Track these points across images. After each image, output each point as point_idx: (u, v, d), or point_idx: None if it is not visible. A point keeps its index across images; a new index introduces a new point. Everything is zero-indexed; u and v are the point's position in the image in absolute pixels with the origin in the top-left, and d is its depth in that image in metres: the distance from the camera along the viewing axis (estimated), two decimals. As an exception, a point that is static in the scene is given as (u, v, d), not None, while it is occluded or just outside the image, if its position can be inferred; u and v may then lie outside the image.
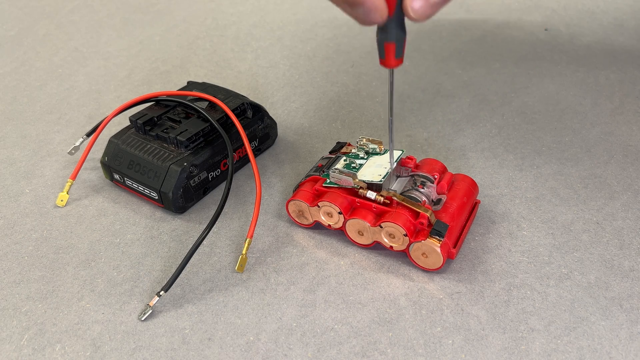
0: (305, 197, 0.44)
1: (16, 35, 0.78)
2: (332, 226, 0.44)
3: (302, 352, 0.37)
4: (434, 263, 0.41)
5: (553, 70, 0.66)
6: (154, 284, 0.42)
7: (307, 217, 0.45)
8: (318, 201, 0.43)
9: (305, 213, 0.45)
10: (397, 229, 0.41)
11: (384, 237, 0.42)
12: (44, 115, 0.61)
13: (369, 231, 0.42)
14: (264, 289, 0.41)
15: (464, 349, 0.37)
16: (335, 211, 0.43)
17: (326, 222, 0.44)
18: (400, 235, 0.41)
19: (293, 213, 0.46)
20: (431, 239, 0.40)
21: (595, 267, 0.42)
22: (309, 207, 0.44)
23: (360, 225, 0.43)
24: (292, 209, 0.45)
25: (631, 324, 0.38)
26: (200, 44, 0.74)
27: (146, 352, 0.38)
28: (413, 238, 0.41)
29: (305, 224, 0.46)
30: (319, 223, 0.45)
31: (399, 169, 0.45)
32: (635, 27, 0.73)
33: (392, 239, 0.42)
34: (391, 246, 0.42)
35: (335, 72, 0.67)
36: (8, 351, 0.38)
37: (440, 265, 0.40)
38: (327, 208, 0.43)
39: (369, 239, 0.43)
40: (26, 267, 0.44)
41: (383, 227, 0.41)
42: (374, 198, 0.42)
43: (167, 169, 0.46)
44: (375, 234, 0.42)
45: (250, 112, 0.52)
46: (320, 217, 0.44)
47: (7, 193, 0.51)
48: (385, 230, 0.41)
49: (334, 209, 0.43)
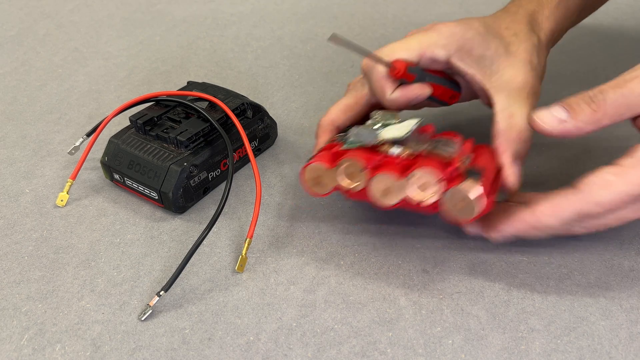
0: (324, 159, 0.40)
1: (16, 35, 0.78)
2: (353, 190, 0.40)
3: (302, 352, 0.37)
4: (471, 210, 0.36)
5: (553, 70, 0.65)
6: (154, 284, 0.42)
7: (324, 183, 0.41)
8: (338, 161, 0.40)
9: (323, 179, 0.41)
10: (429, 174, 0.37)
11: (414, 190, 0.38)
12: (44, 115, 0.61)
13: (396, 187, 0.38)
14: (264, 289, 0.41)
15: (464, 349, 0.37)
16: (357, 170, 0.39)
17: (346, 186, 0.40)
18: (432, 183, 0.37)
19: (309, 181, 0.41)
20: (469, 181, 0.36)
21: (595, 267, 0.42)
22: (327, 171, 0.40)
23: (386, 182, 0.38)
24: (308, 175, 0.41)
25: (631, 324, 0.38)
26: (200, 44, 0.74)
27: (146, 352, 0.38)
28: (447, 184, 0.37)
29: (322, 193, 0.41)
30: (338, 190, 0.40)
31: (417, 136, 0.42)
32: (635, 27, 0.73)
33: (422, 191, 0.38)
34: (420, 202, 0.38)
35: (335, 72, 0.67)
36: (8, 351, 0.38)
37: (479, 212, 0.36)
38: (349, 167, 0.39)
39: (396, 197, 0.38)
40: (26, 267, 0.44)
41: (413, 176, 0.37)
42: (398, 153, 0.39)
43: (167, 169, 0.46)
44: (404, 188, 0.38)
45: (250, 112, 0.52)
46: (339, 180, 0.40)
47: (7, 193, 0.51)
48: (416, 181, 0.37)
49: (357, 166, 0.39)
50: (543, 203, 0.37)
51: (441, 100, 0.46)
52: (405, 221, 0.46)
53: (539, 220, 0.37)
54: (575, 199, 0.36)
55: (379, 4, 0.82)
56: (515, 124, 0.41)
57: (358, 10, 0.80)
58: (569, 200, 0.36)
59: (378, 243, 0.45)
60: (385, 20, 0.78)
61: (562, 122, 0.37)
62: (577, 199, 0.36)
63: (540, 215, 0.37)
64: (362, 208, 0.48)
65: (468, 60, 0.42)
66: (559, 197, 0.36)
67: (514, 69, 0.42)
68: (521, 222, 0.38)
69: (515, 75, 0.42)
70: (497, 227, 0.39)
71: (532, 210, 0.37)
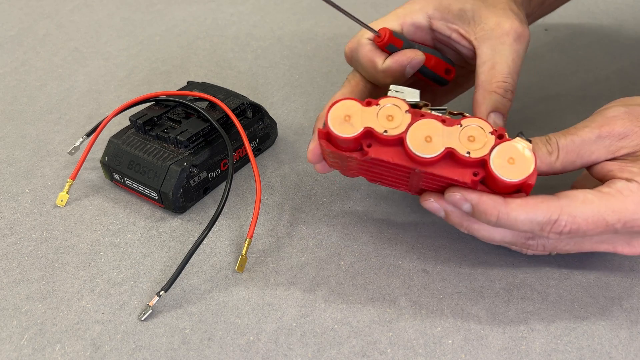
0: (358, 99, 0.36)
1: (16, 35, 0.78)
2: (389, 132, 0.35)
3: (302, 352, 0.37)
4: (521, 170, 0.34)
5: (553, 70, 0.66)
6: (153, 284, 0.42)
7: (354, 123, 0.36)
8: (379, 100, 0.36)
9: (354, 117, 0.36)
10: (481, 126, 0.34)
11: (461, 141, 0.35)
12: (44, 115, 0.61)
13: (441, 134, 0.35)
14: (264, 289, 0.41)
15: (464, 349, 0.37)
16: (399, 111, 0.35)
17: (383, 128, 0.35)
18: (483, 135, 0.34)
19: (336, 119, 0.36)
20: (521, 139, 0.34)
21: (595, 267, 0.42)
22: (362, 109, 0.36)
23: (430, 128, 0.35)
24: (336, 112, 0.36)
25: (631, 324, 0.38)
26: (200, 44, 0.74)
27: (146, 352, 0.38)
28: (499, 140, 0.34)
29: (348, 134, 0.35)
30: (368, 133, 0.36)
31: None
32: (635, 27, 0.73)
33: (471, 143, 0.34)
34: (468, 154, 0.34)
35: (335, 72, 0.67)
36: (8, 351, 0.38)
37: (529, 174, 0.34)
38: (391, 108, 0.35)
39: (440, 145, 0.35)
40: (26, 267, 0.44)
41: (463, 126, 0.35)
42: (442, 113, 0.36)
43: (167, 169, 0.46)
44: (451, 136, 0.35)
45: (250, 112, 0.52)
46: (375, 120, 0.35)
47: (7, 193, 0.51)
48: (465, 131, 0.35)
49: (400, 107, 0.35)
50: (521, 196, 0.36)
51: (438, 75, 0.45)
52: (405, 221, 0.46)
53: (509, 210, 0.35)
54: (553, 204, 0.35)
55: (379, 3, 0.82)
56: (495, 74, 0.40)
57: (358, 10, 0.80)
58: (545, 202, 0.35)
59: (378, 243, 0.45)
60: (385, 20, 0.77)
61: None
62: (555, 205, 0.35)
63: (512, 205, 0.35)
64: (363, 208, 0.48)
65: (449, 17, 0.42)
66: (538, 197, 0.36)
67: (497, 16, 0.41)
68: (493, 207, 0.35)
69: (499, 22, 0.41)
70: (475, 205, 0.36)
71: (506, 201, 0.35)
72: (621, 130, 0.36)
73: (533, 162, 0.34)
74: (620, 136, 0.36)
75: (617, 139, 0.36)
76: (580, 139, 0.37)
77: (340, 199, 0.49)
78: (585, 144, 0.37)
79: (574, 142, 0.37)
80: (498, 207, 0.35)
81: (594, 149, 0.37)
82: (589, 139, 0.36)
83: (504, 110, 0.40)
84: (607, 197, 0.35)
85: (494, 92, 0.40)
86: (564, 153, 0.37)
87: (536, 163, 0.34)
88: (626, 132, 0.36)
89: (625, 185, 0.35)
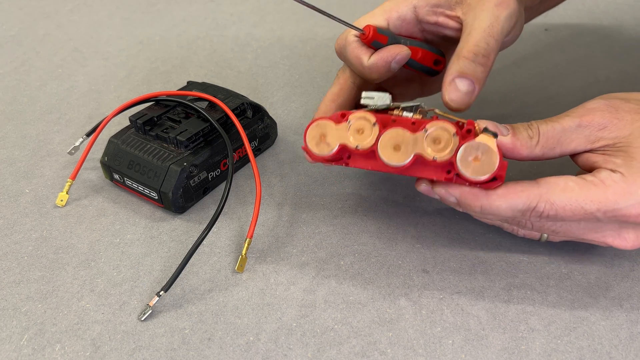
0: (332, 117, 0.39)
1: (16, 35, 0.78)
2: (360, 147, 0.38)
3: (302, 352, 0.37)
4: (487, 167, 0.35)
5: (553, 70, 0.66)
6: (153, 284, 0.42)
7: (329, 142, 0.38)
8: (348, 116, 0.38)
9: (329, 136, 0.38)
10: (444, 128, 0.36)
11: (427, 145, 0.36)
12: (44, 115, 0.61)
13: (408, 142, 0.37)
14: (264, 289, 0.41)
15: (464, 349, 0.37)
16: (368, 124, 0.37)
17: (354, 143, 0.38)
18: (447, 137, 0.36)
19: (312, 140, 0.39)
20: (485, 135, 0.35)
21: (595, 267, 0.42)
22: (334, 127, 0.38)
23: (398, 137, 0.37)
24: (312, 133, 0.39)
25: (631, 324, 0.38)
26: (200, 44, 0.74)
27: (146, 352, 0.38)
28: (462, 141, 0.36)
29: (324, 154, 0.39)
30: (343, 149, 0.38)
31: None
32: (635, 27, 0.73)
33: (437, 147, 0.36)
34: (434, 158, 0.36)
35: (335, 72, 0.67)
36: (8, 351, 0.38)
37: (495, 169, 0.35)
38: (359, 122, 0.38)
39: (408, 153, 0.37)
40: (26, 267, 0.44)
41: (427, 131, 0.36)
42: (412, 116, 0.38)
43: (167, 169, 0.46)
44: (417, 143, 0.36)
45: (250, 112, 0.52)
46: (348, 137, 0.38)
47: (7, 193, 0.51)
48: (430, 135, 0.36)
49: (368, 120, 0.37)
50: (502, 187, 0.37)
51: (426, 67, 0.45)
52: (405, 221, 0.46)
53: (490, 201, 0.36)
54: (532, 191, 0.36)
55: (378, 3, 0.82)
56: (469, 39, 0.39)
57: (358, 10, 0.80)
58: (525, 190, 0.36)
59: (378, 243, 0.45)
60: (385, 20, 0.77)
61: (501, 135, 0.37)
62: (534, 192, 0.36)
63: (493, 196, 0.36)
64: (363, 208, 0.48)
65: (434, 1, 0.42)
66: (519, 185, 0.37)
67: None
68: (475, 199, 0.37)
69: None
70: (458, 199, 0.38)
71: (487, 193, 0.37)
72: (601, 120, 0.37)
73: (497, 158, 0.35)
74: (600, 127, 0.37)
75: (596, 129, 0.37)
76: (560, 127, 0.38)
77: (340, 199, 0.49)
78: (566, 132, 0.38)
79: (554, 128, 0.38)
80: (480, 200, 0.37)
81: (573, 137, 0.38)
82: (570, 127, 0.38)
83: (473, 75, 0.39)
84: (589, 186, 0.36)
85: (462, 58, 0.39)
86: (545, 139, 0.38)
87: (501, 157, 0.35)
88: (605, 123, 0.37)
89: (609, 175, 0.36)
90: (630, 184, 0.35)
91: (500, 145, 0.37)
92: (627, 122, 0.37)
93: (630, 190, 0.35)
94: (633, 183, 0.35)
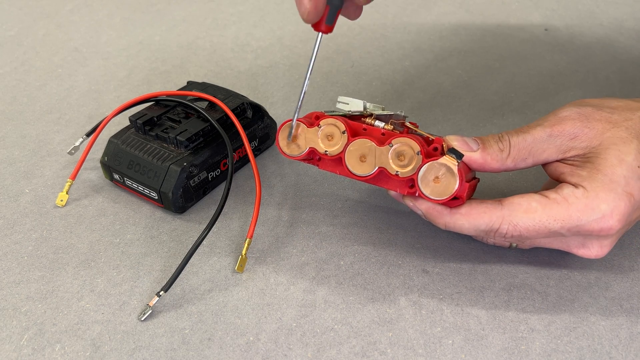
0: (304, 119, 0.40)
1: (16, 35, 0.78)
2: (329, 153, 0.39)
3: (302, 352, 0.37)
4: (445, 189, 0.36)
5: (553, 70, 0.66)
6: (153, 284, 0.42)
7: (299, 144, 0.40)
8: (319, 121, 0.39)
9: (300, 138, 0.40)
10: (410, 145, 0.37)
11: (391, 160, 0.37)
12: (44, 115, 0.61)
13: (373, 154, 0.38)
14: (264, 289, 0.41)
15: (464, 349, 0.37)
16: (338, 131, 0.39)
17: (323, 149, 0.39)
18: (411, 154, 0.37)
19: (283, 140, 0.40)
20: (448, 157, 0.36)
21: (595, 267, 0.42)
22: (306, 130, 0.40)
23: (364, 148, 0.38)
24: (284, 133, 0.40)
25: (631, 324, 0.38)
26: (200, 44, 0.74)
27: (146, 352, 0.38)
28: (426, 158, 0.37)
29: (295, 154, 0.40)
30: (313, 152, 0.40)
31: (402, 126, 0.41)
32: (635, 27, 0.73)
33: (400, 162, 0.37)
34: (397, 173, 0.37)
35: (335, 72, 0.67)
36: (8, 351, 0.38)
37: (453, 192, 0.36)
38: (330, 128, 0.39)
39: (372, 165, 0.38)
40: (26, 267, 0.44)
41: (392, 146, 0.37)
42: (382, 126, 0.39)
43: (167, 169, 0.46)
44: (382, 156, 0.38)
45: (250, 112, 0.52)
46: (317, 141, 0.39)
47: (7, 193, 0.51)
48: (395, 150, 0.37)
49: (338, 127, 0.39)
50: (466, 206, 0.37)
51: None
52: (405, 221, 0.46)
53: (454, 220, 0.38)
54: (495, 213, 0.37)
55: (379, 3, 0.82)
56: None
57: None
58: (488, 212, 0.37)
59: (378, 243, 0.45)
60: (385, 19, 0.78)
61: (471, 150, 0.38)
62: (497, 214, 0.37)
63: (457, 215, 0.37)
64: (363, 208, 0.48)
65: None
66: (482, 206, 0.37)
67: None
68: (439, 216, 0.38)
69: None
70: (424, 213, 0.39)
71: (451, 211, 0.38)
72: (571, 130, 0.37)
73: (457, 181, 0.36)
74: (571, 136, 0.37)
75: (567, 138, 0.37)
76: (532, 137, 0.38)
77: (340, 199, 0.49)
78: (537, 142, 0.38)
79: (525, 140, 0.38)
80: (444, 217, 0.38)
81: (545, 147, 0.38)
82: (540, 138, 0.38)
83: None
84: (551, 205, 0.36)
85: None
86: (516, 150, 0.38)
87: (462, 180, 0.36)
88: (576, 133, 0.37)
89: (572, 192, 0.36)
90: (592, 199, 0.36)
91: (471, 161, 0.38)
92: (597, 131, 0.37)
93: (592, 206, 0.36)
94: (595, 198, 0.36)
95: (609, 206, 0.35)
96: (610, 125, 0.37)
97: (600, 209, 0.35)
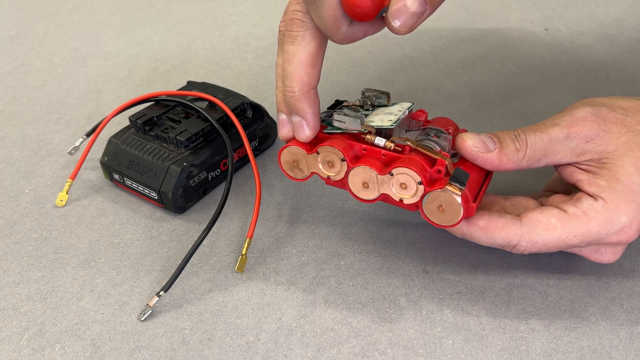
0: (302, 144, 0.38)
1: (16, 35, 0.78)
2: (332, 179, 0.39)
3: (302, 352, 0.37)
4: (451, 218, 0.35)
5: (553, 70, 0.66)
6: (153, 284, 0.42)
7: (302, 168, 0.39)
8: (317, 147, 0.38)
9: (301, 163, 0.39)
10: (410, 175, 0.36)
11: (394, 188, 0.37)
12: (44, 115, 0.61)
13: (375, 182, 0.37)
14: (264, 289, 0.41)
15: (464, 349, 0.37)
16: (337, 158, 0.37)
17: (325, 174, 0.39)
18: (413, 184, 0.36)
19: (286, 164, 0.40)
20: (451, 187, 0.35)
21: (596, 267, 0.42)
22: (305, 156, 0.39)
23: (365, 175, 0.37)
24: (285, 158, 0.39)
25: (631, 324, 0.38)
26: (200, 44, 0.74)
27: (146, 352, 0.38)
28: (429, 187, 0.35)
29: (300, 177, 0.40)
30: (317, 175, 0.39)
31: (408, 122, 0.41)
32: (635, 27, 0.73)
33: (402, 190, 0.36)
34: (401, 200, 0.37)
35: (335, 72, 0.67)
36: (8, 351, 0.38)
37: (458, 221, 0.35)
38: (328, 155, 0.38)
39: (375, 191, 0.37)
40: (26, 267, 0.44)
41: (394, 175, 0.36)
42: (383, 144, 0.37)
43: (166, 169, 0.46)
44: (384, 184, 0.37)
45: (250, 112, 0.52)
46: (318, 167, 0.39)
47: (7, 193, 0.51)
48: (396, 179, 0.36)
49: (336, 155, 0.37)
50: (484, 218, 0.37)
51: None
52: (405, 221, 0.46)
53: (471, 232, 0.37)
54: (514, 229, 0.36)
55: (378, 4, 0.82)
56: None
57: None
58: (506, 227, 0.36)
59: (378, 243, 0.45)
60: (385, 20, 0.77)
61: (488, 151, 0.37)
62: (516, 231, 0.36)
63: (474, 227, 0.37)
64: (363, 208, 0.48)
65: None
66: (502, 220, 0.36)
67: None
68: (456, 230, 0.37)
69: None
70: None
71: (469, 223, 0.37)
72: (588, 132, 0.36)
73: (461, 211, 0.35)
74: (587, 139, 0.36)
75: (583, 141, 0.36)
76: (549, 138, 0.37)
77: (340, 199, 0.49)
78: (553, 143, 0.37)
79: (542, 140, 0.37)
80: (461, 228, 0.37)
81: (560, 148, 0.37)
82: (558, 139, 0.37)
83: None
84: (571, 221, 0.36)
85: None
86: (532, 151, 0.37)
87: (466, 208, 0.35)
88: (592, 135, 0.36)
89: (591, 206, 0.36)
90: (612, 211, 0.35)
91: (486, 162, 0.37)
92: (613, 135, 0.36)
93: (612, 219, 0.35)
94: (615, 210, 0.35)
95: (629, 217, 0.35)
96: (625, 129, 0.36)
97: (621, 221, 0.35)
